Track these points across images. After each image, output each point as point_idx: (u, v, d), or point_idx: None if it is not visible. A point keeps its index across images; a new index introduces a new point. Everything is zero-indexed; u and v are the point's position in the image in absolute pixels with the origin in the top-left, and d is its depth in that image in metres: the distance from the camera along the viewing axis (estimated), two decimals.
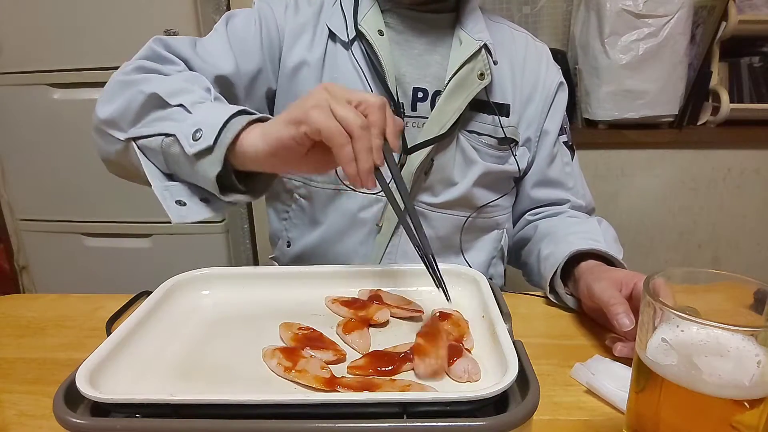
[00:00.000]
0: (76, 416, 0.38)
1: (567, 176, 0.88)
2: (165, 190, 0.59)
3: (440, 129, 0.75)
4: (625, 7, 1.46)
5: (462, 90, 0.75)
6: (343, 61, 0.77)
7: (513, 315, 0.51)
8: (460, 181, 0.79)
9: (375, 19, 0.75)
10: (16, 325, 0.70)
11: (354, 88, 0.66)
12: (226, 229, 1.59)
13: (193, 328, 0.54)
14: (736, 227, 1.71)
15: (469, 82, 0.75)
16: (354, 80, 0.76)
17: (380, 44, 0.74)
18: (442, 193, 0.79)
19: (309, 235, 0.84)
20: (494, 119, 0.79)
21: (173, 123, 0.59)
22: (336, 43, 0.77)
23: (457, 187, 0.79)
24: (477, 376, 0.45)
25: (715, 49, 1.54)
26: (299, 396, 0.42)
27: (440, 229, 0.81)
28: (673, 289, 0.40)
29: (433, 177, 0.78)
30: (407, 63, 0.77)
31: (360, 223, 0.80)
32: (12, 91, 1.52)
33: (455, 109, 0.75)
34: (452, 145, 0.77)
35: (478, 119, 0.79)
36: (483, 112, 0.79)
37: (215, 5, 1.53)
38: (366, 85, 0.76)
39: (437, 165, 0.77)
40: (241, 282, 0.63)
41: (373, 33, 0.74)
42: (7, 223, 1.72)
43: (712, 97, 1.58)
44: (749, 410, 0.35)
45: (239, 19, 0.77)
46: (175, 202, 0.59)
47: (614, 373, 0.52)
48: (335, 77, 0.77)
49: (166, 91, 0.61)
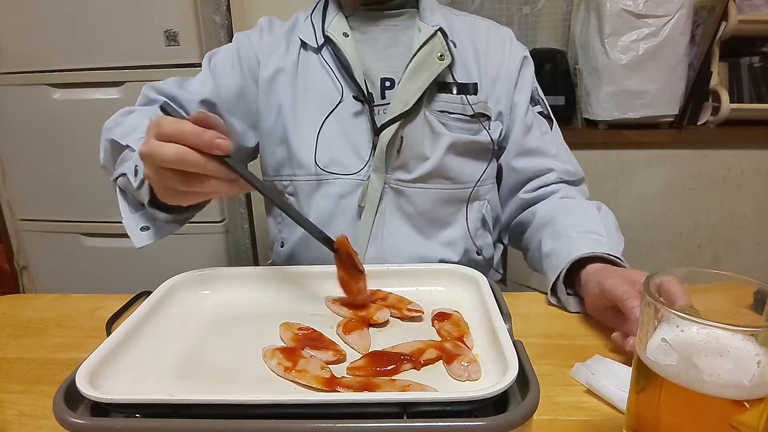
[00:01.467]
0: (76, 416, 0.38)
1: (548, 144, 0.89)
2: (131, 221, 0.71)
3: (404, 106, 0.80)
4: (625, 7, 1.46)
5: (422, 70, 0.81)
6: (314, 65, 0.85)
7: (513, 315, 0.51)
8: (431, 154, 0.83)
9: (340, 24, 0.84)
10: (16, 325, 0.70)
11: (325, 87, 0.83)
12: (226, 229, 1.59)
13: (193, 328, 0.54)
14: (736, 227, 1.71)
15: (429, 63, 0.82)
16: (325, 80, 0.84)
17: (345, 44, 0.82)
18: (415, 169, 0.83)
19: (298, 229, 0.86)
20: (462, 98, 0.84)
21: (126, 163, 0.70)
22: (308, 51, 0.86)
23: (429, 161, 0.83)
24: (477, 375, 0.45)
25: (715, 49, 1.54)
26: (299, 396, 0.42)
27: (420, 204, 0.84)
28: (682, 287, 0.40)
29: (405, 153, 0.82)
30: (373, 58, 0.84)
31: (344, 208, 0.84)
32: (12, 91, 1.52)
33: (417, 88, 0.80)
34: (420, 122, 0.82)
35: (446, 99, 0.84)
36: (450, 92, 0.84)
37: (215, 5, 1.53)
38: (336, 82, 0.83)
39: (407, 141, 0.82)
40: (241, 282, 0.63)
41: (338, 36, 0.82)
42: (7, 223, 1.71)
43: (712, 97, 1.58)
44: (749, 410, 0.35)
45: (220, 52, 0.88)
46: (141, 228, 0.70)
47: (614, 373, 0.52)
48: (308, 80, 0.85)
49: (120, 134, 0.72)
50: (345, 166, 0.83)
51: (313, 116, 0.83)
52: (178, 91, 0.83)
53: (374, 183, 0.82)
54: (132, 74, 1.45)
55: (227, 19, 1.58)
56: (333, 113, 0.82)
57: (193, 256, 1.58)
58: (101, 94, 1.49)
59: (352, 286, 0.58)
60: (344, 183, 0.83)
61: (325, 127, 0.82)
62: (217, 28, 1.53)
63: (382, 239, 0.83)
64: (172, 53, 1.42)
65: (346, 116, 0.83)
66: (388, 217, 0.83)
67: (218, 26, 1.54)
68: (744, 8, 1.50)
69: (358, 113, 0.83)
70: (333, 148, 0.83)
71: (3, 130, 1.57)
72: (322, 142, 0.82)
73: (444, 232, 0.86)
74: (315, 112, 0.83)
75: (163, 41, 1.41)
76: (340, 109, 0.82)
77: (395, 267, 0.64)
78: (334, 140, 0.83)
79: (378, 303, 0.58)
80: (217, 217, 1.56)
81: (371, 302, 0.58)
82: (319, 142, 0.82)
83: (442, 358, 0.48)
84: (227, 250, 1.61)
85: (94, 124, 1.51)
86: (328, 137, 0.83)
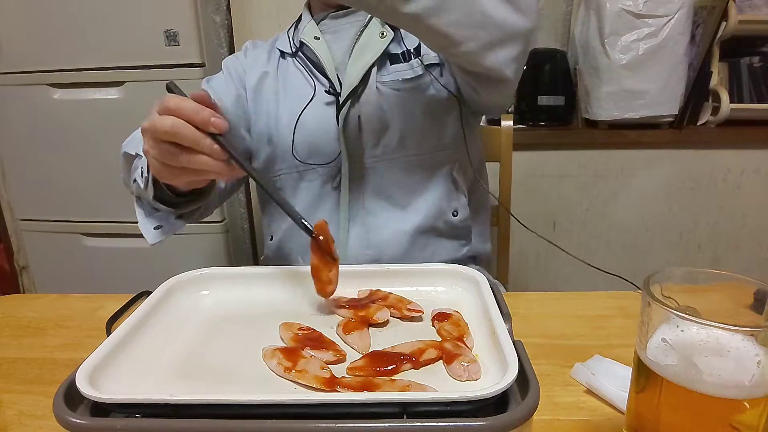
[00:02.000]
0: (76, 416, 0.38)
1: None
2: (146, 224, 0.77)
3: (349, 87, 0.85)
4: (625, 7, 1.46)
5: (366, 51, 0.87)
6: (291, 69, 0.92)
7: (513, 315, 0.51)
8: (391, 123, 0.86)
9: (311, 30, 0.91)
10: (16, 325, 0.70)
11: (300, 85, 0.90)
12: (226, 229, 1.59)
13: (193, 328, 0.54)
14: (736, 227, 1.71)
15: (372, 44, 0.87)
16: (300, 79, 0.91)
17: (316, 45, 0.89)
18: (379, 142, 0.87)
19: (284, 221, 0.93)
20: (411, 63, 0.88)
21: (137, 170, 0.75)
22: (286, 58, 0.94)
23: (390, 131, 0.86)
24: (477, 375, 0.45)
25: (715, 49, 1.54)
26: (299, 396, 0.42)
27: (391, 176, 0.88)
28: (672, 289, 0.40)
29: (365, 131, 0.86)
30: (342, 52, 0.90)
31: (325, 195, 0.89)
32: (12, 91, 1.52)
33: (361, 67, 0.86)
34: (373, 96, 0.86)
35: (397, 69, 0.88)
36: (400, 61, 0.89)
37: (215, 5, 1.53)
38: (309, 79, 0.90)
39: (364, 119, 0.86)
40: (241, 282, 0.63)
41: (310, 39, 0.90)
42: (7, 223, 1.71)
43: (712, 97, 1.58)
44: (749, 410, 0.35)
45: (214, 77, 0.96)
46: (155, 228, 0.76)
47: (614, 373, 0.52)
48: (287, 82, 0.92)
49: (131, 146, 0.78)
50: (321, 155, 0.88)
51: (291, 112, 0.89)
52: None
53: (345, 166, 0.86)
54: (132, 74, 1.45)
55: (227, 19, 1.58)
56: (308, 107, 0.88)
57: (193, 256, 1.58)
58: (101, 94, 1.48)
59: (323, 274, 0.58)
60: (322, 171, 0.88)
61: (302, 120, 0.88)
62: (217, 28, 1.53)
63: (363, 219, 0.87)
64: (172, 53, 1.42)
65: (319, 109, 0.88)
66: (366, 197, 0.88)
67: (218, 26, 1.54)
68: (744, 8, 1.50)
69: (330, 103, 0.88)
70: (309, 140, 0.88)
71: (3, 130, 1.57)
72: (299, 135, 0.88)
73: (419, 200, 0.89)
74: (293, 108, 0.89)
75: (163, 41, 1.41)
76: (314, 103, 0.88)
77: (395, 267, 0.64)
78: (310, 132, 0.88)
79: (378, 303, 0.58)
80: (217, 217, 1.56)
81: (371, 302, 0.58)
82: (296, 135, 0.88)
83: (442, 358, 0.48)
84: (227, 250, 1.61)
85: (94, 124, 1.53)
86: (304, 130, 0.88)
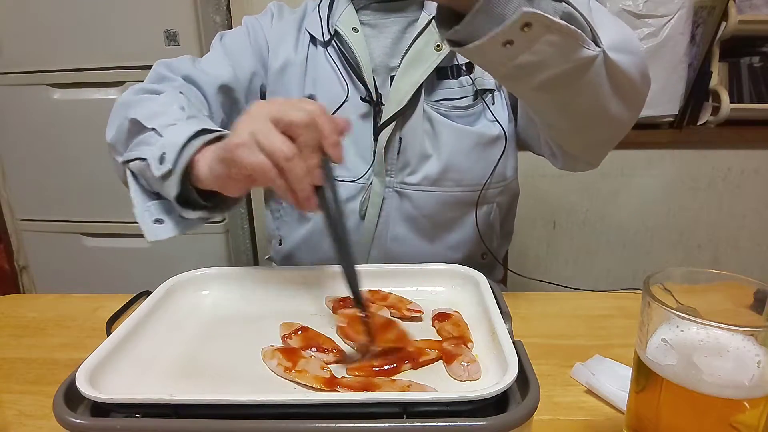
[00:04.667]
0: (76, 416, 0.38)
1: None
2: (146, 211, 0.62)
3: (397, 105, 0.76)
4: (625, 7, 1.46)
5: (418, 64, 0.77)
6: (321, 61, 0.81)
7: (513, 315, 0.51)
8: (434, 153, 0.79)
9: (349, 18, 0.79)
10: (16, 325, 0.70)
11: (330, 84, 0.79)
12: (226, 229, 1.59)
13: (193, 328, 0.54)
14: (736, 227, 1.71)
15: (426, 56, 0.77)
16: (331, 77, 0.80)
17: (354, 40, 0.78)
18: (419, 170, 0.79)
19: (299, 230, 0.86)
20: (461, 81, 0.79)
21: (147, 147, 0.62)
22: (317, 46, 0.82)
23: (432, 160, 0.79)
24: (477, 375, 0.45)
25: (715, 49, 1.54)
26: (299, 396, 0.42)
27: (425, 207, 0.81)
28: (672, 289, 0.40)
29: (405, 154, 0.79)
30: (382, 52, 0.80)
31: (347, 211, 0.81)
32: (12, 91, 1.52)
33: (412, 84, 0.76)
34: (418, 118, 0.78)
35: (446, 86, 0.79)
36: (450, 77, 0.79)
37: (215, 5, 1.53)
38: (342, 80, 0.80)
39: (406, 141, 0.78)
40: (241, 282, 0.63)
41: (347, 30, 0.78)
42: (7, 223, 1.72)
43: (712, 97, 1.58)
44: (749, 410, 0.35)
45: (231, 34, 0.85)
46: (154, 221, 0.61)
47: (614, 373, 0.52)
48: (316, 77, 0.81)
49: (144, 114, 0.64)
50: (349, 169, 0.80)
51: None
52: (194, 70, 0.78)
53: (376, 187, 0.79)
54: (132, 74, 1.45)
55: (227, 19, 1.58)
56: (337, 113, 0.78)
57: (193, 256, 1.58)
58: (101, 94, 1.49)
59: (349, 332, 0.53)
60: (347, 186, 0.80)
61: None
62: (217, 28, 1.53)
63: (386, 243, 0.81)
64: (172, 53, 1.41)
65: (351, 116, 0.79)
66: (391, 221, 0.81)
67: (218, 26, 1.54)
68: (744, 8, 1.50)
69: (365, 115, 0.79)
70: None
71: (3, 130, 1.57)
72: None
73: (450, 236, 0.83)
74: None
75: (163, 41, 1.41)
76: (346, 109, 0.79)
77: (395, 267, 0.64)
78: None
79: (378, 303, 0.58)
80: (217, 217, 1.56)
81: (371, 302, 0.58)
82: None
83: (442, 358, 0.48)
84: (227, 250, 1.61)
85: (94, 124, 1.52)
86: None
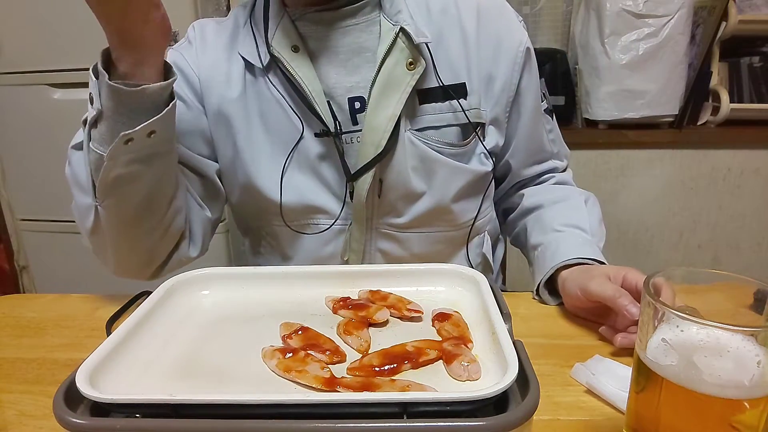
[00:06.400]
0: (76, 416, 0.38)
1: (552, 144, 0.81)
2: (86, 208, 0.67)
3: (376, 149, 0.65)
4: (625, 7, 1.46)
5: (392, 91, 0.64)
6: (263, 92, 0.69)
7: (513, 315, 0.51)
8: (427, 189, 0.70)
9: (287, 35, 0.66)
10: (16, 325, 0.70)
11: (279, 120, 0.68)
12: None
13: (193, 328, 0.54)
14: (736, 227, 1.71)
15: (399, 79, 0.64)
16: (278, 112, 0.68)
17: (296, 63, 0.65)
18: (407, 211, 0.71)
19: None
20: (451, 104, 0.67)
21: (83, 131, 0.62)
22: (255, 75, 0.69)
23: (424, 198, 0.70)
24: (477, 375, 0.45)
25: (715, 49, 1.54)
26: (299, 396, 0.42)
27: (414, 247, 0.75)
28: (673, 289, 0.40)
29: (388, 196, 0.69)
30: (335, 73, 0.67)
31: (326, 257, 0.75)
32: (12, 91, 1.52)
33: (388, 118, 0.64)
34: (401, 154, 0.67)
35: (430, 111, 0.68)
36: (435, 101, 0.67)
37: (215, 5, 1.53)
38: (292, 113, 0.67)
39: (388, 183, 0.68)
40: (241, 282, 0.63)
41: (286, 52, 0.65)
42: (7, 223, 1.71)
43: (712, 97, 1.58)
44: (749, 410, 0.35)
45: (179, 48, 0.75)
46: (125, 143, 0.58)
47: (614, 373, 0.52)
48: (262, 110, 0.69)
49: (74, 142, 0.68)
50: (322, 211, 0.71)
51: (272, 156, 0.69)
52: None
53: (356, 234, 0.71)
54: None
55: None
56: (294, 152, 0.68)
57: None
58: None
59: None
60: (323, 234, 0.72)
61: (290, 169, 0.68)
62: None
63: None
64: None
65: (311, 155, 0.68)
66: (376, 259, 0.75)
67: None
68: (744, 8, 1.50)
69: (326, 151, 0.68)
70: (303, 193, 0.70)
71: (3, 130, 1.57)
72: (288, 188, 0.69)
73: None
74: (274, 150, 0.69)
75: None
76: (303, 147, 0.68)
77: (395, 267, 0.64)
78: (302, 183, 0.70)
79: (378, 303, 0.58)
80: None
81: (371, 302, 0.58)
82: (285, 188, 0.69)
83: (442, 358, 0.48)
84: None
85: None
86: (294, 181, 0.69)
